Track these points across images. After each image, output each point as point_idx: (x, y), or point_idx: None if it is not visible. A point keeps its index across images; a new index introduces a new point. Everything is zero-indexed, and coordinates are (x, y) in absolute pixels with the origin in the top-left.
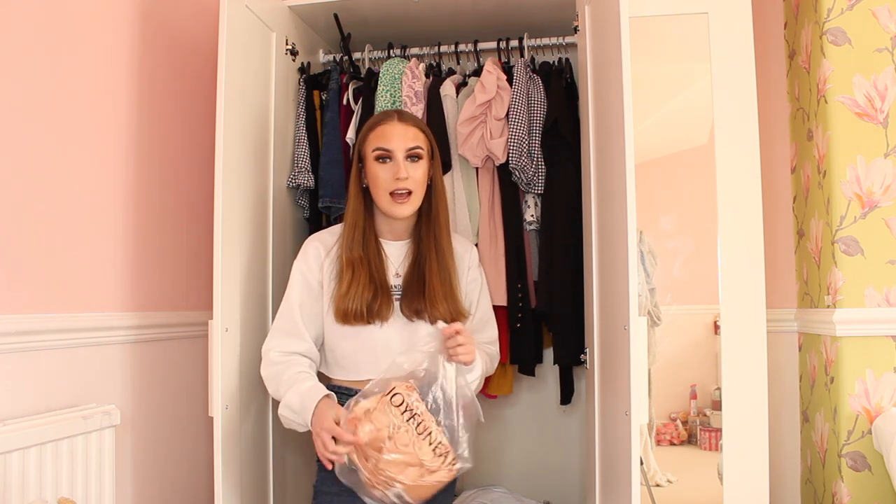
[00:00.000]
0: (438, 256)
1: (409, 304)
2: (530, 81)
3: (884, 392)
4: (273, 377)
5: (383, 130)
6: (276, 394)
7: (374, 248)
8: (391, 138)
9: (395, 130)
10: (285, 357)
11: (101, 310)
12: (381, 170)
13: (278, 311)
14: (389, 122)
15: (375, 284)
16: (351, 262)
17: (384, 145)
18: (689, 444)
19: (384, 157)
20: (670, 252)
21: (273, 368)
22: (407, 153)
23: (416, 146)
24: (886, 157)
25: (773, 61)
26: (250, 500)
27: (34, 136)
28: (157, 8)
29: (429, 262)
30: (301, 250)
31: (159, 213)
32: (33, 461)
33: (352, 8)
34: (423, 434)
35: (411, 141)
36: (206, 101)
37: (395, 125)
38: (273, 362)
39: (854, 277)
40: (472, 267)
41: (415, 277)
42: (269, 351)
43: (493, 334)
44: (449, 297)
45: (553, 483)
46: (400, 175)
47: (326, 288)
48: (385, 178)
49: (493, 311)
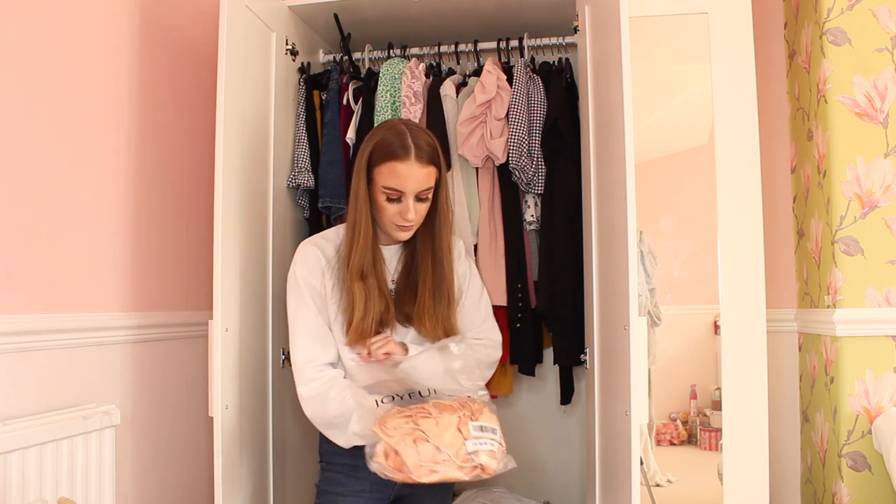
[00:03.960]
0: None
1: (401, 310)
2: (530, 81)
3: (884, 392)
4: (315, 395)
5: (398, 169)
6: (323, 411)
7: (376, 258)
8: (405, 180)
9: (410, 172)
10: (320, 373)
11: (101, 310)
12: (389, 205)
13: (294, 318)
14: (406, 160)
15: (385, 298)
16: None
17: (397, 186)
18: (689, 444)
19: (394, 196)
20: (670, 252)
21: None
22: (418, 195)
23: (428, 188)
24: (886, 157)
25: (773, 61)
26: (250, 500)
27: (34, 136)
28: (157, 8)
29: (423, 276)
30: (299, 255)
31: (159, 213)
32: (33, 461)
33: (352, 8)
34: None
35: (424, 183)
36: (206, 100)
37: (411, 166)
38: (311, 378)
39: (854, 277)
40: (458, 259)
41: (407, 286)
42: (307, 366)
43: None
44: (439, 316)
45: (553, 483)
46: (408, 217)
47: (328, 296)
48: (392, 213)
49: (488, 305)
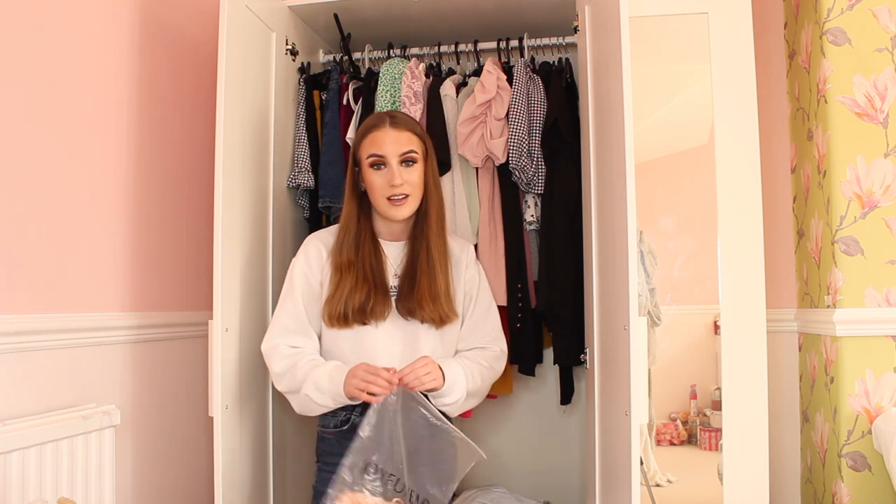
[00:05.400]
0: (428, 257)
1: (403, 303)
2: (530, 81)
3: (884, 392)
4: (287, 369)
5: (375, 137)
6: (293, 382)
7: (371, 249)
8: (384, 144)
9: (387, 136)
10: (295, 351)
11: (101, 310)
12: (376, 176)
13: (278, 308)
14: (382, 127)
15: (369, 285)
16: (339, 266)
17: (377, 151)
18: (689, 444)
19: (378, 163)
20: (670, 252)
21: (286, 361)
22: (401, 158)
23: (410, 150)
24: (886, 157)
25: (773, 61)
26: (250, 500)
27: (34, 136)
28: (157, 8)
29: (420, 263)
30: (302, 249)
31: (159, 213)
32: (33, 461)
33: (352, 8)
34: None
35: (405, 146)
36: (206, 101)
37: (387, 131)
38: (285, 355)
39: (854, 277)
40: (469, 265)
41: (408, 277)
42: (278, 346)
43: (493, 331)
44: (436, 299)
45: (553, 483)
46: (395, 181)
47: (326, 289)
48: (381, 184)
49: (495, 309)
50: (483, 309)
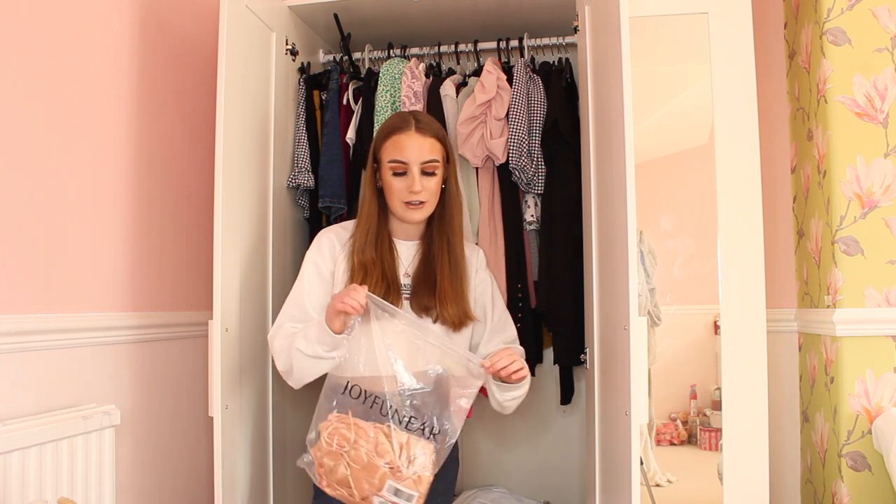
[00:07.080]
0: (451, 259)
1: (418, 301)
2: (530, 81)
3: (884, 392)
4: (284, 347)
5: (400, 141)
6: (288, 356)
7: (388, 247)
8: (407, 150)
9: (412, 142)
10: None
11: (101, 310)
12: (395, 180)
13: (288, 299)
14: (407, 132)
15: (387, 282)
16: (363, 264)
17: (400, 157)
18: (689, 444)
19: (400, 170)
20: (670, 252)
21: (288, 339)
22: (422, 167)
23: (432, 160)
24: (886, 157)
25: (773, 61)
26: (250, 500)
27: (35, 136)
28: (157, 8)
29: (440, 263)
30: (315, 241)
31: (159, 213)
32: (33, 461)
33: (352, 8)
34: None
35: (427, 154)
36: (206, 100)
37: (412, 136)
38: (287, 333)
39: (854, 277)
40: (479, 269)
41: (425, 277)
42: (283, 325)
43: (514, 332)
44: (459, 300)
45: (553, 483)
46: (414, 188)
47: (339, 281)
48: (400, 188)
49: (508, 310)
50: (501, 310)
